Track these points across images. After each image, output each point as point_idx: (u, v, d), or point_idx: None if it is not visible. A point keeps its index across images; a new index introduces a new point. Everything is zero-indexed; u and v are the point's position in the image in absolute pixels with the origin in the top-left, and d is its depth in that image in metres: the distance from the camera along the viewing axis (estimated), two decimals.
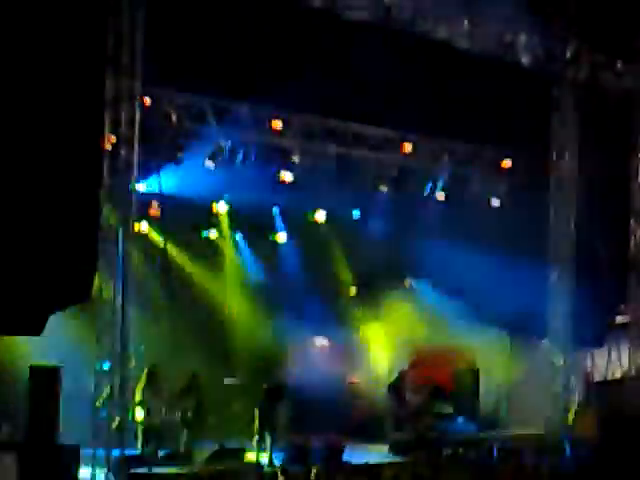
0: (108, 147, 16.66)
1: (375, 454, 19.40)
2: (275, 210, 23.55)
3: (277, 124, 21.21)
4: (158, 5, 16.95)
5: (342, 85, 19.45)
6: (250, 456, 18.27)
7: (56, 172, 15.09)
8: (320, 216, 23.68)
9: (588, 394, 22.59)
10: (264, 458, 18.27)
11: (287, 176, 21.67)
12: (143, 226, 20.19)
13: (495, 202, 24.66)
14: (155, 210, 20.13)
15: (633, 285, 22.88)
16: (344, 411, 22.83)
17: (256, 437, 18.57)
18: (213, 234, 23.27)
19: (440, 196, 24.08)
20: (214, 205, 22.42)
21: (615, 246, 23.02)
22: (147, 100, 18.42)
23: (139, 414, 17.54)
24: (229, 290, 23.30)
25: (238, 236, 23.69)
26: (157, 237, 21.26)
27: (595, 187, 21.28)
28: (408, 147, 22.97)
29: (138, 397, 17.71)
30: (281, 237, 23.81)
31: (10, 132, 14.66)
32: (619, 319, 23.73)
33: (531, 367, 22.65)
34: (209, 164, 20.65)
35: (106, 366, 16.57)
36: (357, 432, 21.59)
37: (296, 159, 21.77)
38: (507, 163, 24.26)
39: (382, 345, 24.63)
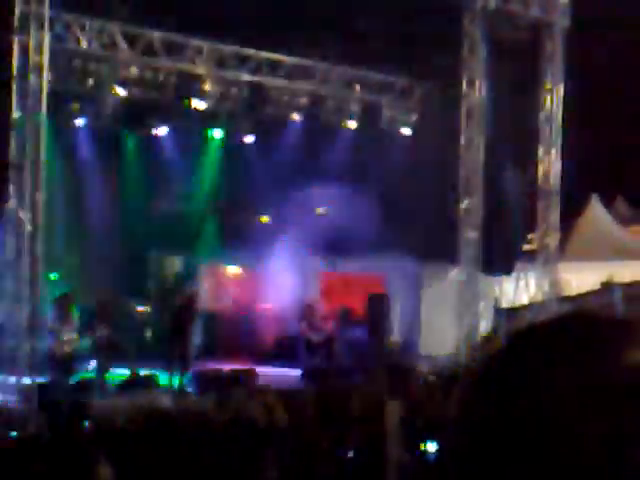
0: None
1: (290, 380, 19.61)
2: None
3: (189, 51, 21.09)
4: None
5: (258, 13, 19.37)
6: (162, 382, 18.44)
7: None
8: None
9: (496, 320, 23.03)
10: (176, 384, 18.45)
11: (199, 104, 21.57)
12: None
13: (406, 131, 24.85)
14: None
15: (541, 214, 23.33)
16: (256, 337, 23.06)
17: (168, 363, 18.73)
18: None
19: (351, 125, 24.15)
20: None
21: (524, 176, 23.41)
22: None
23: (50, 342, 17.52)
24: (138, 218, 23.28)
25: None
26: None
27: (505, 117, 21.49)
28: (320, 75, 23.00)
29: (49, 325, 17.68)
30: None
31: None
32: (527, 247, 24.21)
33: (441, 294, 22.96)
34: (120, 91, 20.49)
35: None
36: (269, 357, 21.86)
37: (208, 87, 21.64)
38: (419, 92, 24.41)
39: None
